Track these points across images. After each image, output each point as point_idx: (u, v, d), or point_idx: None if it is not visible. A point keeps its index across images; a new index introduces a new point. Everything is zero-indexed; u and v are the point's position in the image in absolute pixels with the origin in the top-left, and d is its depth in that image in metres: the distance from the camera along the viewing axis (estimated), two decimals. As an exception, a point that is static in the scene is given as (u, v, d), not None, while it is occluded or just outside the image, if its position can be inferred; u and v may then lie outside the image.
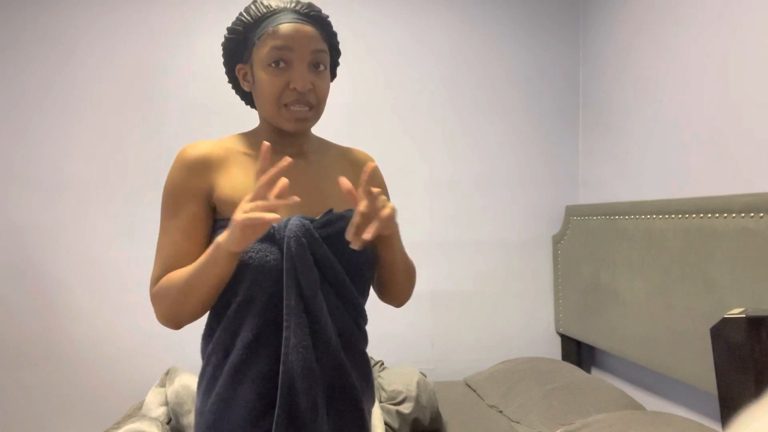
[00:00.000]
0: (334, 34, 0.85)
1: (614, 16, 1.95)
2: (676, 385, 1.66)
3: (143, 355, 1.95)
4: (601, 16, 2.03)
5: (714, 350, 1.02)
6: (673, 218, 1.48)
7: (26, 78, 1.88)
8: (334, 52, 0.88)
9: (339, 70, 0.94)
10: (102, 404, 1.94)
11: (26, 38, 1.88)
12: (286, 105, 0.78)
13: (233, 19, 0.82)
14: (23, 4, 1.88)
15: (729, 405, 0.98)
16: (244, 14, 0.80)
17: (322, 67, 0.80)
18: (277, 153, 0.79)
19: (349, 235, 0.67)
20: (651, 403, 1.76)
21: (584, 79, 2.16)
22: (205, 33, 1.96)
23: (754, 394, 0.94)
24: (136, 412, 1.59)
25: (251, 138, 0.88)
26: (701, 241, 1.38)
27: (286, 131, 0.81)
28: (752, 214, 1.23)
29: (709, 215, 1.36)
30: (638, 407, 1.61)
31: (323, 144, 0.91)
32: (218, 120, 1.97)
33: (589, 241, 1.90)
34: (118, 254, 1.93)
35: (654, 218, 1.56)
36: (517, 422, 1.60)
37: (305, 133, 0.86)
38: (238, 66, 0.84)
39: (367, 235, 0.66)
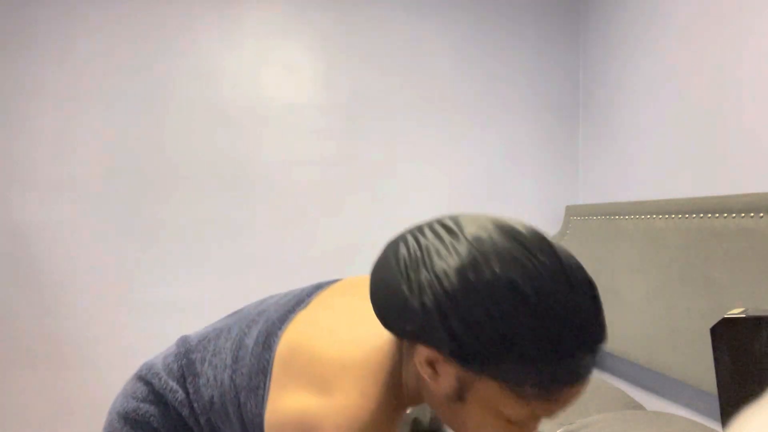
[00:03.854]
0: None
1: (614, 17, 1.95)
2: (676, 385, 1.66)
3: (143, 356, 1.94)
4: (601, 16, 2.03)
5: (714, 350, 1.02)
6: (673, 218, 1.48)
7: (26, 77, 1.88)
8: None
9: (338, 69, 0.93)
10: (102, 404, 1.93)
11: (26, 38, 1.88)
12: None
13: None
14: (23, 4, 1.88)
15: (729, 405, 0.98)
16: (557, 341, 0.51)
17: None
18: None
19: None
20: (651, 403, 1.76)
21: (584, 79, 2.16)
22: (207, 32, 1.96)
23: (754, 394, 0.94)
24: (136, 412, 1.59)
25: (392, 399, 0.63)
26: (701, 241, 1.38)
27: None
28: (752, 214, 1.23)
29: (709, 215, 1.35)
30: (638, 407, 1.61)
31: None
32: (218, 120, 1.97)
33: (589, 241, 1.89)
34: (117, 254, 1.93)
35: (654, 218, 1.56)
36: (517, 422, 1.60)
37: None
38: (435, 354, 0.54)
39: None
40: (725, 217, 1.31)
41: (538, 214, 2.16)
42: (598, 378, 1.77)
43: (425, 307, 0.51)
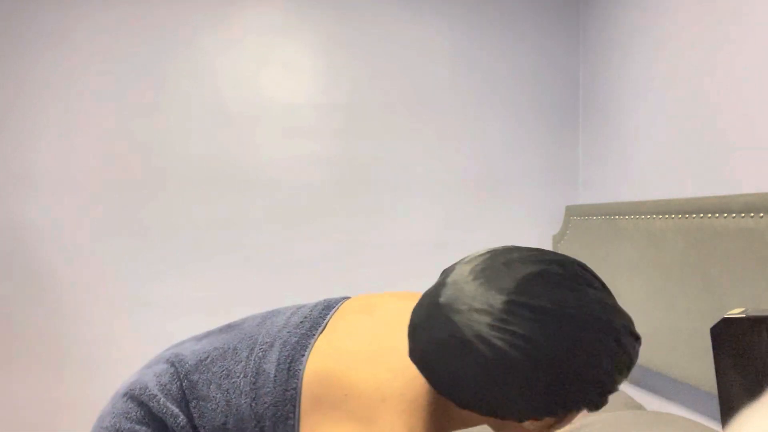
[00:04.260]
0: None
1: (614, 16, 1.95)
2: (676, 385, 1.66)
3: (143, 356, 1.94)
4: (601, 16, 2.03)
5: (714, 350, 1.02)
6: (673, 218, 1.48)
7: (26, 77, 1.88)
8: None
9: (338, 68, 0.94)
10: (101, 404, 1.93)
11: (26, 37, 1.88)
12: None
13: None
14: (23, 4, 1.88)
15: (729, 405, 0.98)
16: (597, 399, 0.57)
17: None
18: None
19: None
20: (651, 403, 1.76)
21: (584, 79, 2.16)
22: (207, 32, 1.96)
23: (754, 394, 0.94)
24: (136, 412, 1.59)
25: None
26: (701, 241, 1.38)
27: None
28: (752, 214, 1.23)
29: (709, 215, 1.35)
30: (638, 407, 1.61)
31: None
32: (218, 119, 1.98)
33: (589, 241, 1.89)
34: (117, 254, 1.93)
35: (654, 218, 1.56)
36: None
37: None
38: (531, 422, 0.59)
39: None
40: (725, 217, 1.31)
41: (538, 214, 2.16)
42: (598, 378, 1.76)
43: (530, 399, 0.53)
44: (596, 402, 0.56)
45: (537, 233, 2.16)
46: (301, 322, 0.77)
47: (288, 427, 0.66)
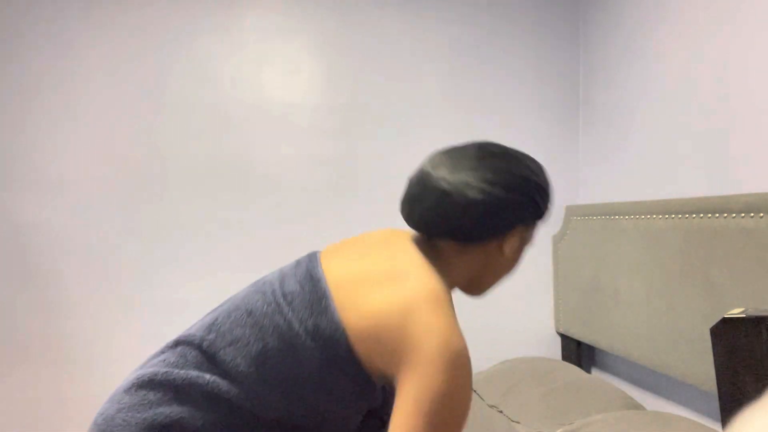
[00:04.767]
0: None
1: (614, 16, 1.95)
2: (676, 385, 1.66)
3: (143, 355, 1.94)
4: (602, 16, 2.03)
5: (714, 350, 1.02)
6: (673, 218, 1.48)
7: (25, 77, 1.88)
8: None
9: (338, 69, 0.97)
10: (101, 404, 1.94)
11: (26, 38, 1.88)
12: None
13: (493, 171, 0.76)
14: (23, 4, 1.88)
15: (729, 405, 0.98)
16: (548, 201, 0.82)
17: None
18: None
19: None
20: (651, 403, 1.76)
21: (584, 79, 2.16)
22: (207, 33, 1.96)
23: (754, 394, 0.94)
24: (136, 412, 1.59)
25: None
26: (701, 241, 1.38)
27: (468, 295, 0.88)
28: (752, 214, 1.23)
29: (709, 215, 1.35)
30: (638, 407, 1.61)
31: None
32: (219, 120, 1.98)
33: (589, 241, 1.90)
34: (117, 254, 1.94)
35: (654, 218, 1.56)
36: (517, 422, 1.60)
37: None
38: (518, 229, 0.80)
39: None
40: (725, 217, 1.31)
41: (538, 214, 2.16)
42: (598, 378, 1.77)
43: (504, 206, 0.75)
44: (544, 212, 0.81)
45: (537, 233, 2.16)
46: (294, 262, 0.87)
47: (329, 316, 0.71)
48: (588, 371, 2.12)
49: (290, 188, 2.02)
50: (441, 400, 0.61)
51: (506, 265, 0.83)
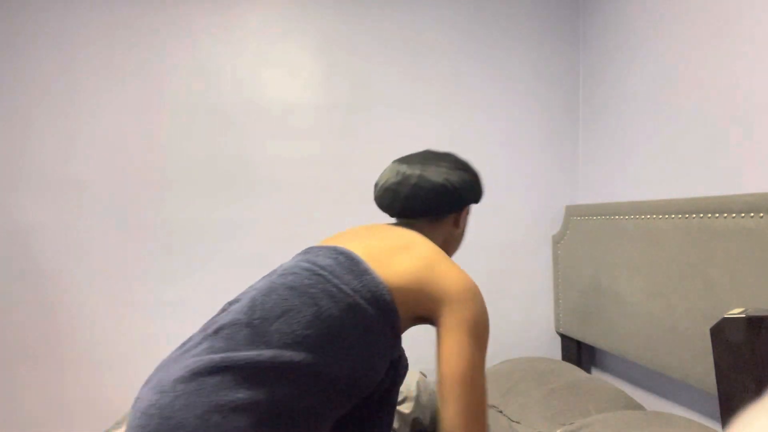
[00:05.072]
0: None
1: (614, 16, 1.95)
2: (676, 385, 1.66)
3: (143, 355, 1.95)
4: (602, 15, 2.03)
5: (714, 350, 1.02)
6: (673, 218, 1.48)
7: (26, 78, 1.88)
8: None
9: (338, 69, 0.99)
10: (102, 404, 1.94)
11: (27, 38, 1.88)
12: None
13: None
14: (23, 4, 1.88)
15: (729, 405, 0.98)
16: (482, 188, 1.13)
17: None
18: None
19: None
20: (651, 403, 1.76)
21: (584, 79, 2.16)
22: (207, 33, 1.96)
23: (754, 394, 0.94)
24: (136, 412, 1.59)
25: None
26: (701, 241, 1.38)
27: None
28: (752, 214, 1.23)
29: (709, 215, 1.36)
30: (638, 407, 1.61)
31: None
32: (218, 120, 1.98)
33: (589, 241, 1.90)
34: (118, 254, 1.94)
35: (654, 218, 1.56)
36: (517, 422, 1.60)
37: None
38: (467, 209, 1.12)
39: None
40: (725, 217, 1.31)
41: (538, 214, 2.16)
42: (598, 378, 1.77)
43: (459, 189, 1.04)
44: (481, 196, 1.12)
45: (537, 233, 2.17)
46: (303, 252, 0.97)
47: (372, 277, 0.85)
48: (588, 371, 2.12)
49: (290, 188, 2.02)
50: (475, 320, 0.85)
51: (459, 236, 1.13)
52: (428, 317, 0.89)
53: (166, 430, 0.68)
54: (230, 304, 0.88)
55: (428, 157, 1.05)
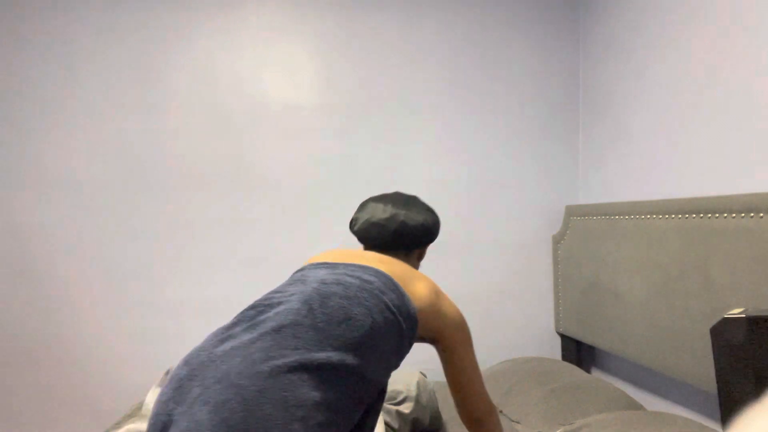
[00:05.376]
0: None
1: (614, 15, 1.95)
2: (676, 385, 1.66)
3: (143, 356, 1.95)
4: (601, 15, 2.03)
5: (714, 350, 1.02)
6: (673, 218, 1.48)
7: (26, 78, 1.88)
8: None
9: (338, 69, 0.98)
10: (102, 404, 1.94)
11: (27, 38, 1.88)
12: None
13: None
14: (24, 4, 1.88)
15: (729, 405, 0.98)
16: (438, 233, 1.27)
17: None
18: None
19: None
20: (651, 403, 1.76)
21: (584, 78, 2.16)
22: (206, 33, 1.96)
23: (754, 394, 0.94)
24: (136, 412, 1.59)
25: None
26: (701, 241, 1.38)
27: None
28: (752, 214, 1.23)
29: (709, 215, 1.36)
30: (638, 407, 1.61)
31: None
32: (219, 120, 1.98)
33: (589, 241, 1.90)
34: (117, 254, 1.94)
35: (654, 218, 1.56)
36: (517, 422, 1.60)
37: None
38: (422, 248, 1.26)
39: None
40: (725, 217, 1.31)
41: (538, 214, 2.16)
42: (598, 378, 1.77)
43: (432, 230, 1.22)
44: (437, 235, 1.25)
45: (537, 233, 2.17)
46: (331, 263, 1.08)
47: (402, 293, 1.00)
48: (588, 371, 2.12)
49: (290, 188, 2.02)
50: (468, 340, 1.07)
51: (418, 267, 1.28)
52: (431, 337, 1.07)
53: (253, 422, 0.71)
54: (264, 307, 0.92)
55: (404, 198, 1.24)
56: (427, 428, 1.55)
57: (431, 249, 1.97)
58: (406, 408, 1.51)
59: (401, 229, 1.17)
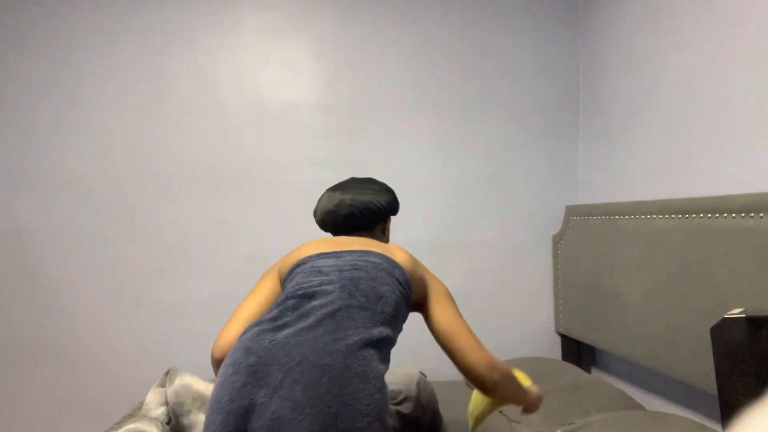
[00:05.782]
0: None
1: (614, 16, 1.95)
2: (676, 385, 1.66)
3: (143, 355, 1.95)
4: (601, 16, 2.03)
5: (714, 350, 1.02)
6: (673, 218, 1.48)
7: (27, 78, 1.88)
8: None
9: (338, 69, 0.98)
10: (102, 404, 1.94)
11: (28, 39, 1.88)
12: None
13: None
14: (24, 4, 1.88)
15: (729, 405, 0.98)
16: (397, 207, 1.33)
17: None
18: None
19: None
20: (651, 403, 1.76)
21: (584, 79, 2.16)
22: (207, 33, 1.96)
23: (754, 394, 0.94)
24: (136, 412, 1.59)
25: None
26: (701, 241, 1.38)
27: None
28: (752, 214, 1.23)
29: (709, 215, 1.36)
30: (638, 407, 1.61)
31: None
32: (218, 120, 1.98)
33: (589, 241, 1.90)
34: (117, 254, 1.94)
35: (654, 218, 1.56)
36: (517, 422, 1.60)
37: None
38: (390, 218, 1.35)
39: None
40: (725, 217, 1.31)
41: (538, 214, 2.16)
42: (598, 378, 1.77)
43: (384, 206, 1.28)
44: (397, 210, 1.32)
45: (537, 233, 2.16)
46: (335, 252, 1.14)
47: (402, 270, 1.10)
48: (588, 371, 2.12)
49: (290, 188, 2.02)
50: (452, 297, 1.15)
51: (387, 240, 1.36)
52: (418, 302, 1.13)
53: (347, 395, 0.82)
54: (298, 298, 0.99)
55: (355, 182, 1.31)
56: (427, 428, 1.55)
57: (431, 249, 1.98)
58: (406, 408, 1.51)
59: (349, 212, 1.25)
